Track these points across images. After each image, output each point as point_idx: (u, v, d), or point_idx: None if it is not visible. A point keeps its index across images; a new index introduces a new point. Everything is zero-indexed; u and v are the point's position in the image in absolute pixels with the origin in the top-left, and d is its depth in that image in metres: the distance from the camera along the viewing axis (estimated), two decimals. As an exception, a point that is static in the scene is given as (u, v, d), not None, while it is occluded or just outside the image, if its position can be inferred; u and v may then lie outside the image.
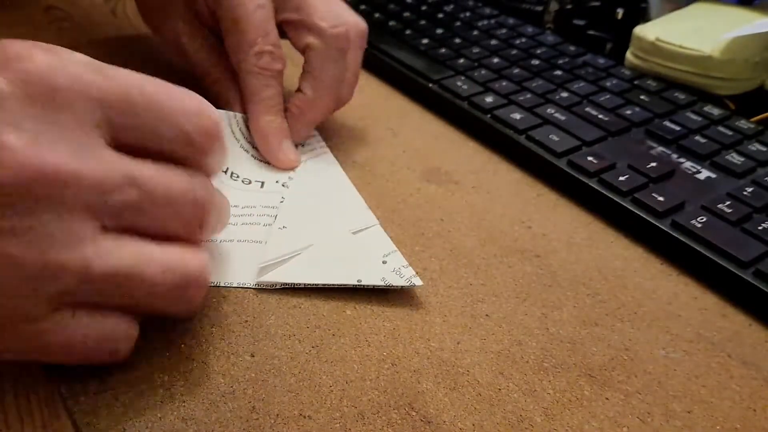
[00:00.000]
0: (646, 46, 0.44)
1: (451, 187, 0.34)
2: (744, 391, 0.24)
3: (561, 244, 0.31)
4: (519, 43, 0.47)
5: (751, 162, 0.34)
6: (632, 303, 0.27)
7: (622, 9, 0.50)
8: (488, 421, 0.22)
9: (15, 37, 0.19)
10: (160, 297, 0.21)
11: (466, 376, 0.23)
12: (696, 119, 0.38)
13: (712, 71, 0.42)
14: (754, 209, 0.31)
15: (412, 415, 0.22)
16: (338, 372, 0.23)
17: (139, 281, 0.20)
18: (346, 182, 0.33)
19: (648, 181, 0.32)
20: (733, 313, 0.27)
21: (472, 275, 0.28)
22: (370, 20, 0.51)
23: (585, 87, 0.41)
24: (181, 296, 0.21)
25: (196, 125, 0.21)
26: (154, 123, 0.20)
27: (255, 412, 0.21)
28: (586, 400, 0.23)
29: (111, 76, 0.20)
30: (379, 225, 0.30)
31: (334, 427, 0.21)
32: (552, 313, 0.26)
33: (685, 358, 0.25)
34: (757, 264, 0.27)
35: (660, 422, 0.22)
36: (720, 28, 0.42)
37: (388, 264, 0.27)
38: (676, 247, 0.29)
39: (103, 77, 0.20)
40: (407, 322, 0.26)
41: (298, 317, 0.25)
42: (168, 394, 0.22)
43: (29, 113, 0.18)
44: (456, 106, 0.40)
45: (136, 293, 0.20)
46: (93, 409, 0.21)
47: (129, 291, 0.20)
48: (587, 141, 0.36)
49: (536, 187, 0.35)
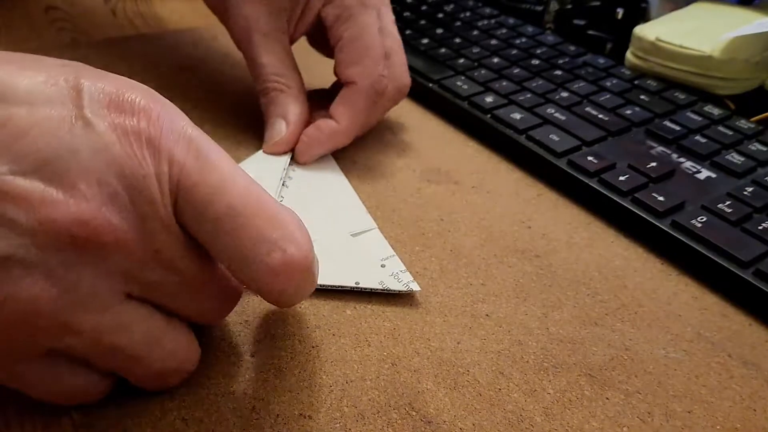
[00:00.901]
0: (646, 46, 0.44)
1: (451, 187, 0.34)
2: (744, 391, 0.24)
3: (561, 244, 0.31)
4: (519, 43, 0.47)
5: (751, 162, 0.34)
6: (632, 303, 0.27)
7: (622, 9, 0.50)
8: (488, 421, 0.22)
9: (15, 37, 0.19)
10: (145, 374, 0.20)
11: (466, 375, 0.23)
12: (696, 119, 0.38)
13: (712, 71, 0.42)
14: (754, 209, 0.31)
15: (412, 415, 0.22)
16: (338, 372, 0.23)
17: (138, 360, 0.19)
18: (346, 184, 0.33)
19: (648, 181, 0.32)
20: (733, 313, 0.27)
21: (472, 275, 0.28)
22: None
23: (585, 87, 0.41)
24: (162, 379, 0.21)
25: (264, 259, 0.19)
26: (230, 230, 0.18)
27: (255, 412, 0.21)
28: (586, 400, 0.23)
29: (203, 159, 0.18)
30: (378, 230, 0.30)
31: (334, 427, 0.21)
32: (552, 313, 0.26)
33: (685, 358, 0.25)
34: (757, 264, 0.27)
35: (660, 422, 0.22)
36: (720, 28, 0.42)
37: (386, 268, 0.27)
38: (676, 247, 0.29)
39: (195, 158, 0.18)
40: (407, 322, 0.26)
41: (298, 317, 0.25)
42: (168, 394, 0.22)
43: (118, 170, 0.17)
44: (456, 106, 0.40)
45: (128, 365, 0.20)
46: (93, 409, 0.21)
47: (123, 363, 0.20)
48: (587, 141, 0.36)
49: (536, 187, 0.35)
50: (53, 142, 0.17)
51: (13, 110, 0.16)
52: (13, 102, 0.17)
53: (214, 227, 0.18)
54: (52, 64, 0.18)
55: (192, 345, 0.21)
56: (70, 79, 0.18)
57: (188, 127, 0.19)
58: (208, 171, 0.18)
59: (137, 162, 0.18)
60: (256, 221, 0.19)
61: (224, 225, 0.18)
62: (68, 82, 0.18)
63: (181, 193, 0.18)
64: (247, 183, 0.19)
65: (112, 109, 0.18)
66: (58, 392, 0.20)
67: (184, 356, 0.21)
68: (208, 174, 0.18)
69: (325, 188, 0.33)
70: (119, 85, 0.18)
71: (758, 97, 0.43)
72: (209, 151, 0.19)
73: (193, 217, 0.19)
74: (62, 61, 0.19)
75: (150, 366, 0.20)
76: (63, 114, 0.17)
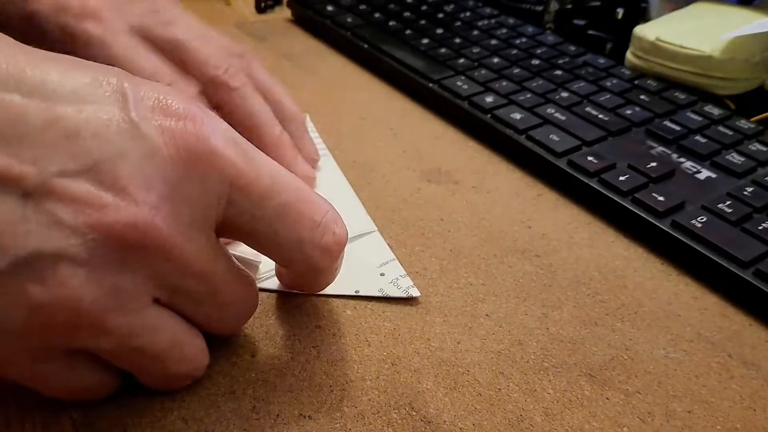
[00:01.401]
0: (646, 46, 0.44)
1: (451, 187, 0.34)
2: (744, 391, 0.24)
3: (561, 244, 0.30)
4: (519, 43, 0.47)
5: (752, 162, 0.34)
6: (632, 303, 0.27)
7: (622, 9, 0.50)
8: (488, 421, 0.22)
9: None
10: (160, 376, 0.21)
11: (466, 375, 0.23)
12: (696, 119, 0.38)
13: (712, 71, 0.42)
14: (754, 209, 0.31)
15: (412, 415, 0.22)
16: (338, 372, 0.23)
17: (159, 362, 0.20)
18: (346, 186, 0.33)
19: (648, 181, 0.32)
20: (733, 313, 0.27)
21: (472, 275, 0.28)
22: (370, 20, 0.51)
23: (585, 87, 0.41)
24: (174, 382, 0.21)
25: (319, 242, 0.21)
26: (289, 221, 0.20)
27: (255, 412, 0.21)
28: (586, 400, 0.23)
29: (251, 158, 0.19)
30: (378, 232, 0.30)
31: (334, 427, 0.21)
32: (552, 313, 0.26)
33: (685, 358, 0.25)
34: (757, 264, 0.27)
35: (660, 422, 0.22)
36: (720, 28, 0.42)
37: (386, 276, 0.27)
38: (676, 247, 0.29)
39: (244, 159, 0.19)
40: (407, 322, 0.26)
41: (298, 317, 0.25)
42: (168, 394, 0.22)
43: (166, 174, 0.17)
44: (456, 106, 0.40)
45: (148, 367, 0.20)
46: (93, 409, 0.21)
47: (144, 364, 0.20)
48: (587, 141, 0.36)
49: (536, 187, 0.35)
50: (103, 144, 0.17)
51: (61, 109, 0.16)
52: (60, 101, 0.16)
53: (271, 221, 0.20)
54: (93, 66, 0.18)
55: (205, 351, 0.21)
56: (113, 81, 0.18)
57: (229, 129, 0.19)
58: (258, 169, 0.19)
59: (184, 167, 0.18)
60: (306, 210, 0.20)
61: (282, 218, 0.20)
62: (112, 84, 0.18)
63: (235, 193, 0.19)
64: (291, 176, 0.21)
65: (158, 112, 0.18)
66: (70, 389, 0.20)
67: (199, 362, 0.21)
68: (259, 172, 0.19)
69: (324, 188, 0.33)
70: (160, 90, 0.18)
71: (758, 97, 0.43)
72: (253, 151, 0.20)
73: (249, 213, 0.19)
74: (99, 64, 0.18)
75: (168, 368, 0.20)
76: (110, 116, 0.17)
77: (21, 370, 0.18)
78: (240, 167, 0.19)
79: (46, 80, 0.16)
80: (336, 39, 0.50)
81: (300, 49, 0.50)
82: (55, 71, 0.17)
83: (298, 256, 0.21)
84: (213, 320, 0.21)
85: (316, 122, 0.39)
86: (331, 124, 0.39)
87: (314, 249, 0.21)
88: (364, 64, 0.47)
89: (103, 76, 0.18)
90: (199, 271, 0.19)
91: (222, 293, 0.20)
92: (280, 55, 0.48)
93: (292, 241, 0.20)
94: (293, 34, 0.53)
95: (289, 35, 0.52)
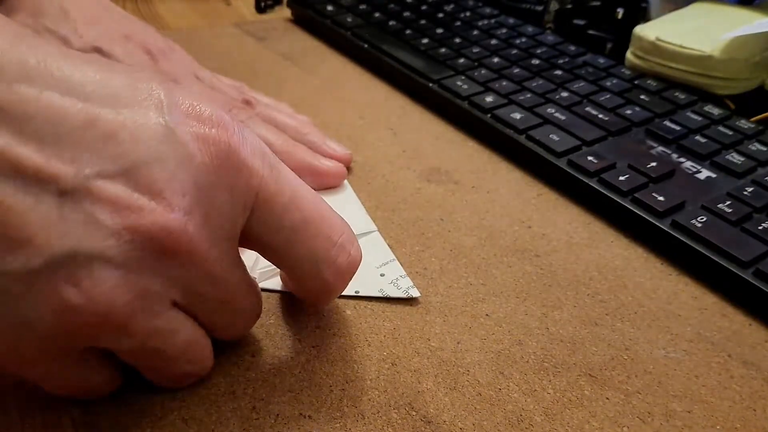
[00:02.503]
0: (646, 46, 0.44)
1: (451, 187, 0.34)
2: (744, 391, 0.24)
3: (561, 244, 0.30)
4: (519, 43, 0.47)
5: (751, 162, 0.34)
6: (632, 303, 0.27)
7: (622, 9, 0.50)
8: (488, 420, 0.22)
9: None
10: (170, 375, 0.21)
11: (466, 375, 0.23)
12: (696, 119, 0.38)
13: (712, 71, 0.42)
14: (754, 209, 0.31)
15: (412, 415, 0.22)
16: (338, 372, 0.23)
17: (172, 363, 0.20)
18: (346, 186, 0.33)
19: (648, 181, 0.32)
20: (733, 313, 0.27)
21: (472, 275, 0.28)
22: (370, 20, 0.51)
23: (585, 87, 0.41)
24: (181, 381, 0.21)
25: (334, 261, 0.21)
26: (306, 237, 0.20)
27: (255, 412, 0.21)
28: (586, 400, 0.23)
29: (276, 171, 0.19)
30: (378, 233, 0.30)
31: (334, 427, 0.21)
32: (552, 313, 0.26)
33: (685, 358, 0.25)
34: (757, 264, 0.27)
35: (660, 422, 0.22)
36: (720, 28, 0.42)
37: (386, 276, 0.27)
38: (676, 246, 0.29)
39: (270, 170, 0.19)
40: (407, 322, 0.26)
41: (298, 317, 0.25)
42: (168, 394, 0.22)
43: (199, 180, 0.17)
44: (456, 106, 0.40)
45: (161, 367, 0.20)
46: (93, 407, 0.21)
47: (157, 364, 0.20)
48: (587, 141, 0.36)
49: (536, 187, 0.35)
50: (140, 147, 0.17)
51: (100, 111, 0.16)
52: (98, 103, 0.16)
53: (289, 235, 0.20)
54: (129, 69, 0.18)
55: (211, 353, 0.21)
56: (149, 85, 0.18)
57: (257, 139, 0.19)
58: (282, 182, 0.19)
59: (216, 174, 0.18)
60: (325, 228, 0.21)
61: (300, 233, 0.20)
62: (148, 88, 0.18)
63: (259, 204, 0.19)
64: (312, 192, 0.21)
65: (192, 118, 0.18)
66: (79, 388, 0.20)
67: (207, 363, 0.21)
68: (282, 185, 0.19)
69: (324, 192, 0.33)
70: (192, 95, 0.18)
71: (758, 97, 0.43)
72: (278, 163, 0.20)
73: (270, 225, 0.19)
74: (134, 67, 0.19)
75: (178, 369, 0.20)
76: (147, 120, 0.17)
77: (35, 368, 0.18)
78: (266, 179, 0.19)
79: (84, 81, 0.17)
80: (336, 39, 0.50)
81: (300, 49, 0.50)
82: (93, 72, 0.17)
83: (311, 272, 0.21)
84: (222, 325, 0.21)
85: (316, 122, 0.39)
86: (331, 124, 0.39)
87: (328, 268, 0.21)
88: (364, 64, 0.47)
89: (138, 79, 0.18)
90: (220, 279, 0.19)
91: (236, 301, 0.20)
92: (280, 55, 0.48)
93: (307, 258, 0.20)
94: (293, 34, 0.53)
95: (289, 35, 0.52)
